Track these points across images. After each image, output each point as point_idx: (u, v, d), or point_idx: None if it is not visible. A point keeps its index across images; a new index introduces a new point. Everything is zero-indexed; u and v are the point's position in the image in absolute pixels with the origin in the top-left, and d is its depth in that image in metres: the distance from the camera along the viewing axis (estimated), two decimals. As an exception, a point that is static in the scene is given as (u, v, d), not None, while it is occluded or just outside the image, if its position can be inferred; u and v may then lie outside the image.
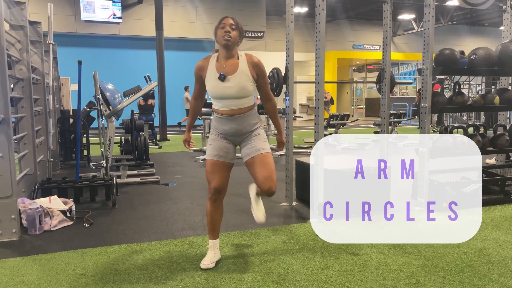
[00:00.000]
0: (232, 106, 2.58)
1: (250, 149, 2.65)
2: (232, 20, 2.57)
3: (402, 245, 3.05)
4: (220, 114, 2.63)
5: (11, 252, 2.99)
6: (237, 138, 2.69)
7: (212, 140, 2.69)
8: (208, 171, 2.66)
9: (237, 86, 2.53)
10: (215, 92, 2.57)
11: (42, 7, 13.03)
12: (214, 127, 2.71)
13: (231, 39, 2.52)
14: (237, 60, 2.58)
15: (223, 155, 2.66)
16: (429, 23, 3.89)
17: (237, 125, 2.63)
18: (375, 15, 18.67)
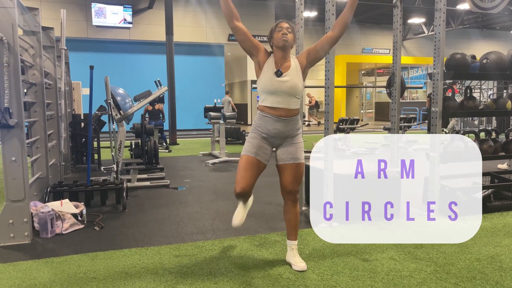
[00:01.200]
0: (281, 104, 2.63)
1: (287, 155, 2.72)
2: (287, 24, 2.68)
3: (413, 251, 3.03)
4: (267, 113, 2.67)
5: (23, 255, 3.02)
6: (277, 141, 2.72)
7: (252, 138, 2.71)
8: (242, 167, 2.65)
9: (290, 82, 2.63)
10: (269, 85, 2.63)
11: (54, 13, 13.23)
12: (256, 126, 2.72)
13: (289, 40, 2.64)
14: (290, 62, 2.70)
15: (261, 155, 2.69)
16: (440, 27, 3.87)
17: (282, 127, 2.67)
18: (384, 19, 18.62)
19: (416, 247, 3.12)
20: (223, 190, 5.20)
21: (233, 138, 11.06)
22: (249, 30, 2.71)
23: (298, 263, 2.75)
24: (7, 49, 3.17)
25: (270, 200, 4.52)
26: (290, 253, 2.83)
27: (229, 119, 8.24)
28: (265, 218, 3.95)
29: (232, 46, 16.84)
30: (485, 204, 4.02)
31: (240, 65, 19.93)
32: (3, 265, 2.83)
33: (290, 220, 2.83)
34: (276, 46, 2.68)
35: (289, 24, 2.68)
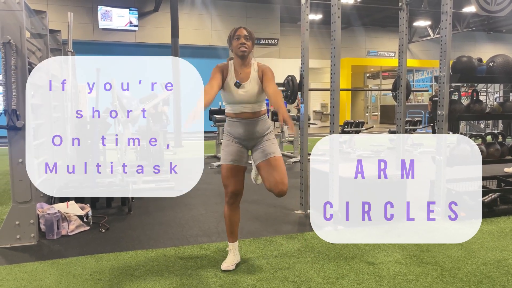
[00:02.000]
0: (246, 109, 2.70)
1: (261, 153, 2.74)
2: (245, 30, 2.69)
3: (419, 255, 3.01)
4: (233, 118, 2.74)
5: (29, 256, 3.04)
6: (249, 142, 2.77)
7: (226, 146, 2.77)
8: (224, 176, 2.74)
9: (250, 92, 2.68)
10: (231, 97, 2.70)
11: (61, 16, 13.30)
12: (227, 132, 2.80)
13: (247, 49, 2.67)
14: (250, 68, 2.73)
15: (238, 159, 2.74)
16: (446, 30, 3.86)
17: (250, 129, 2.72)
18: (390, 22, 18.57)
19: (422, 250, 3.10)
20: (228, 192, 5.20)
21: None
22: (255, 34, 2.72)
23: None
24: (14, 52, 3.20)
25: (274, 203, 4.52)
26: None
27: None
28: (270, 221, 3.94)
29: (237, 49, 16.85)
30: (491, 208, 4.00)
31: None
32: (9, 266, 2.84)
33: None
34: (235, 54, 2.70)
35: (247, 31, 2.69)
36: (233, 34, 2.69)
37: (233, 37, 2.68)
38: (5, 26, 3.22)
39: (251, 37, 2.70)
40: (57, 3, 14.41)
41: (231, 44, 2.71)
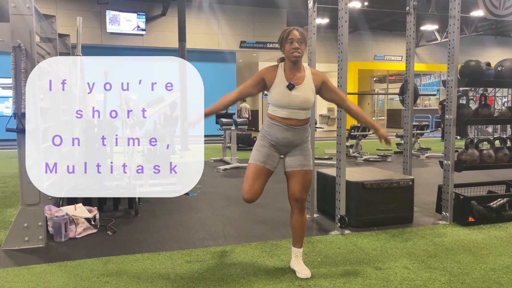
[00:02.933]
0: (292, 115, 2.63)
1: (295, 162, 2.70)
2: (298, 33, 2.58)
3: (427, 260, 2.99)
4: (278, 122, 2.65)
5: (38, 258, 3.06)
6: (285, 149, 2.72)
7: (261, 146, 2.70)
8: (250, 176, 2.65)
9: (303, 96, 2.61)
10: (281, 99, 2.61)
11: (70, 20, 13.42)
12: (265, 133, 2.71)
13: (300, 54, 2.59)
14: (303, 72, 2.66)
15: (270, 163, 2.68)
16: (454, 34, 3.85)
17: (291, 136, 2.66)
18: (397, 26, 18.54)
19: (430, 256, 3.08)
20: (234, 196, 5.20)
21: (244, 144, 11.07)
22: (262, 38, 2.71)
23: (302, 270, 2.73)
24: (24, 56, 3.23)
25: (282, 207, 4.51)
26: (295, 260, 2.81)
27: (241, 125, 8.26)
28: (277, 225, 3.94)
29: (244, 53, 16.92)
30: (500, 213, 3.96)
31: (251, 72, 19.99)
32: (18, 268, 2.86)
33: (296, 228, 2.81)
34: (287, 58, 2.64)
35: (300, 33, 2.58)
36: (286, 37, 2.58)
37: (286, 40, 2.58)
38: (15, 30, 3.26)
39: (304, 39, 2.59)
40: (66, 8, 14.57)
41: (282, 47, 2.62)
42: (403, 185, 3.91)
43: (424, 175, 6.80)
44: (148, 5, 15.49)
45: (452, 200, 3.91)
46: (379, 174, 4.20)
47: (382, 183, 3.84)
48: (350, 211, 3.74)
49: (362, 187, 3.77)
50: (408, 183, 3.94)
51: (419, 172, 7.00)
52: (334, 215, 3.77)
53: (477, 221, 3.85)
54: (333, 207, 3.79)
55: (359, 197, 3.78)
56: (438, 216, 4.09)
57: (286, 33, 2.60)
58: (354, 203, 3.77)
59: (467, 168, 3.94)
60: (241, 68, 20.20)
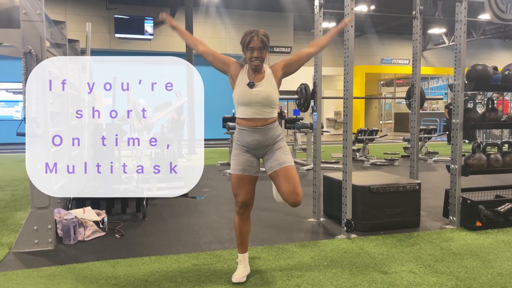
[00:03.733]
0: (256, 115, 2.63)
1: (273, 163, 2.68)
2: (259, 40, 2.59)
3: (434, 265, 2.98)
4: (243, 126, 2.67)
5: (47, 261, 3.10)
6: (259, 151, 2.72)
7: (236, 155, 2.72)
8: (234, 185, 2.70)
9: (264, 93, 2.62)
10: (243, 97, 2.63)
11: (79, 25, 13.57)
12: (236, 141, 2.74)
13: (261, 62, 2.64)
14: (263, 73, 2.69)
15: (248, 169, 2.69)
16: (461, 38, 3.85)
17: (260, 137, 2.66)
18: (404, 29, 18.49)
19: (437, 260, 3.07)
20: (241, 200, 5.22)
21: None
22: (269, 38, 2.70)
23: None
24: (35, 61, 3.29)
25: (288, 211, 4.52)
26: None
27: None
28: (283, 229, 3.95)
29: (251, 57, 16.96)
30: (507, 218, 3.94)
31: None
32: (27, 270, 2.91)
33: None
34: (248, 64, 2.67)
35: (261, 40, 2.58)
36: (247, 44, 2.59)
37: (246, 48, 2.60)
38: (26, 36, 3.32)
39: (265, 45, 2.61)
40: (75, 13, 14.75)
41: (243, 51, 2.65)
42: (409, 189, 3.91)
43: (431, 179, 6.77)
44: (156, 10, 15.61)
45: (460, 204, 3.90)
46: (386, 178, 4.20)
47: (389, 187, 3.84)
48: (357, 215, 3.74)
49: (368, 191, 3.77)
50: (415, 187, 3.93)
51: (426, 176, 6.97)
52: (340, 219, 3.78)
53: (484, 226, 3.83)
54: (339, 211, 3.80)
55: (366, 201, 3.78)
56: (445, 220, 4.08)
57: (248, 39, 2.60)
58: (360, 207, 3.77)
59: (474, 173, 3.93)
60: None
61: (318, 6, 4.12)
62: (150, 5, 15.40)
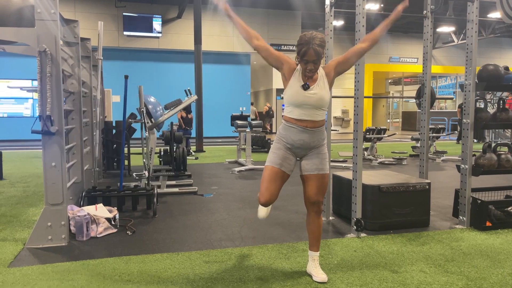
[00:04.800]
0: (307, 117, 2.63)
1: (312, 165, 2.71)
2: (315, 53, 2.52)
3: (444, 264, 2.99)
4: (293, 124, 2.66)
5: (61, 256, 3.15)
6: (301, 151, 2.72)
7: (277, 149, 2.71)
8: (266, 178, 2.67)
9: (317, 95, 2.62)
10: (296, 98, 2.62)
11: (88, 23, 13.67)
12: (281, 136, 2.72)
13: (314, 73, 2.62)
14: (317, 74, 2.67)
15: (285, 166, 2.69)
16: (472, 38, 3.84)
17: (307, 138, 2.66)
18: (412, 27, 18.39)
19: (447, 260, 3.08)
20: (249, 198, 5.25)
21: (258, 146, 11.13)
22: (277, 40, 2.72)
23: (319, 274, 2.74)
24: (49, 60, 3.34)
25: (297, 209, 4.55)
26: (311, 264, 2.82)
27: (255, 127, 8.32)
28: (293, 227, 3.98)
29: (258, 55, 16.93)
30: (518, 218, 3.93)
31: (265, 74, 20.06)
32: (42, 266, 2.96)
33: (313, 231, 2.82)
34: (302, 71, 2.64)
35: (316, 53, 2.52)
36: (302, 55, 2.55)
37: (301, 58, 2.57)
38: (41, 35, 3.37)
39: (320, 57, 2.54)
40: (84, 11, 14.85)
41: (298, 59, 2.61)
42: (419, 189, 3.91)
43: (441, 179, 6.76)
44: (165, 8, 15.68)
45: (469, 204, 3.90)
46: (395, 177, 4.20)
47: (399, 186, 3.84)
48: (366, 214, 3.76)
49: (378, 191, 3.79)
50: (425, 187, 3.94)
51: (435, 176, 6.95)
52: (349, 218, 3.79)
53: (494, 226, 3.83)
54: (348, 210, 3.82)
55: (375, 201, 3.79)
56: (455, 220, 4.08)
57: (303, 50, 2.55)
58: (370, 207, 3.79)
59: (484, 173, 3.92)
60: (256, 70, 20.29)
61: (329, 5, 4.13)
62: (159, 3, 15.47)
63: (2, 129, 14.44)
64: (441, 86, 22.05)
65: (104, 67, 9.29)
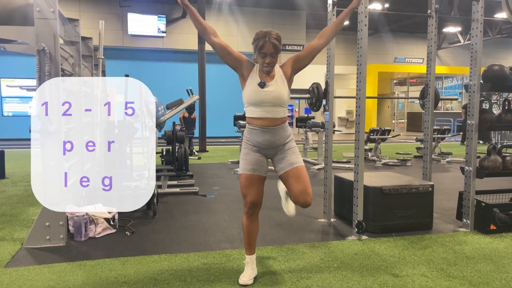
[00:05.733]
0: (267, 114, 2.60)
1: (284, 163, 2.66)
2: (272, 46, 2.53)
3: (446, 268, 2.93)
4: (254, 125, 2.65)
5: (58, 257, 3.12)
6: (270, 151, 2.69)
7: (245, 154, 2.69)
8: (243, 185, 2.67)
9: (275, 92, 2.59)
10: (254, 96, 2.60)
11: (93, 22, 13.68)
12: (246, 140, 2.71)
13: (272, 68, 2.61)
14: (274, 71, 2.66)
15: (258, 169, 2.66)
16: (477, 38, 3.77)
17: (271, 137, 2.63)
18: (418, 28, 18.26)
19: (449, 264, 3.02)
20: (251, 198, 5.20)
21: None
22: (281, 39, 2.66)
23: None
24: (48, 59, 3.32)
25: (298, 211, 4.47)
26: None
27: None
28: (293, 229, 3.93)
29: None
30: (523, 222, 3.86)
31: (270, 74, 19.99)
32: (39, 266, 2.93)
33: None
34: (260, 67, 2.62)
35: (273, 45, 2.52)
36: (259, 48, 2.55)
37: (259, 52, 2.56)
38: (40, 34, 3.35)
39: (278, 50, 2.55)
40: (89, 10, 14.88)
41: (255, 54, 2.61)
42: (422, 191, 3.85)
43: (445, 180, 6.68)
44: (169, 7, 15.67)
45: (474, 207, 3.83)
46: (398, 179, 4.14)
47: (401, 188, 3.79)
48: (368, 216, 3.70)
49: (380, 192, 3.73)
50: (428, 189, 3.88)
51: (440, 177, 6.87)
52: (351, 219, 3.74)
53: (499, 229, 3.76)
54: (350, 212, 3.76)
55: (377, 202, 3.74)
56: (459, 223, 4.01)
57: (260, 44, 2.54)
58: (371, 208, 3.73)
59: (489, 175, 3.85)
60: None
61: (331, 4, 4.08)
62: (163, 2, 15.47)
63: (8, 128, 14.51)
64: (447, 87, 21.90)
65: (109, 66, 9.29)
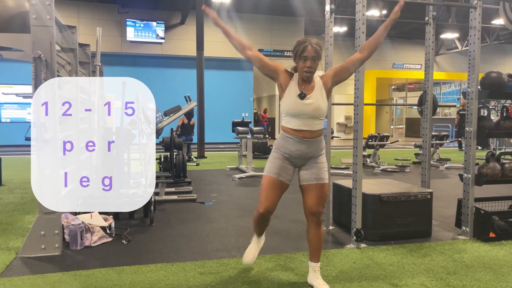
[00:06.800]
0: (305, 127, 2.59)
1: (310, 175, 2.66)
2: (313, 50, 2.53)
3: (446, 277, 2.90)
4: (290, 134, 2.62)
5: (53, 267, 3.08)
6: (299, 161, 2.68)
7: (275, 158, 2.67)
8: (264, 187, 2.64)
9: (314, 105, 2.57)
10: (293, 108, 2.59)
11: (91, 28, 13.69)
12: (279, 146, 2.68)
13: (313, 73, 2.58)
14: (313, 83, 2.64)
15: (283, 175, 2.65)
16: (475, 45, 3.77)
17: (305, 149, 2.62)
18: (416, 34, 18.33)
19: (449, 273, 2.99)
20: (249, 206, 5.18)
21: (260, 153, 11.06)
22: (279, 46, 2.67)
23: (320, 286, 2.68)
24: (44, 66, 3.30)
25: (296, 218, 4.46)
26: (313, 275, 2.76)
27: (257, 134, 8.26)
28: (291, 236, 3.90)
29: (261, 61, 16.97)
30: (523, 229, 3.83)
31: (268, 80, 19.98)
32: (33, 276, 2.89)
33: (313, 242, 2.76)
34: (299, 73, 2.61)
35: (314, 50, 2.52)
36: (300, 53, 2.55)
37: (300, 57, 2.55)
38: (36, 41, 3.33)
39: (318, 55, 2.55)
40: (87, 17, 14.91)
41: (296, 60, 2.60)
42: (421, 199, 3.83)
43: (444, 187, 6.66)
44: (167, 14, 15.72)
45: (473, 214, 3.80)
46: (397, 186, 4.12)
47: (400, 196, 3.76)
48: (367, 224, 3.67)
49: (379, 200, 3.70)
50: (426, 197, 3.85)
51: (438, 184, 6.85)
52: (350, 227, 3.71)
53: (498, 237, 3.73)
54: (349, 220, 3.73)
55: (376, 210, 3.71)
56: (458, 231, 3.98)
57: (301, 48, 2.55)
58: (370, 216, 3.70)
59: (488, 182, 3.83)
60: (258, 76, 20.24)
61: (329, 11, 4.07)
62: (161, 9, 15.51)
63: (6, 135, 14.47)
64: (445, 93, 21.94)
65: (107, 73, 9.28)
